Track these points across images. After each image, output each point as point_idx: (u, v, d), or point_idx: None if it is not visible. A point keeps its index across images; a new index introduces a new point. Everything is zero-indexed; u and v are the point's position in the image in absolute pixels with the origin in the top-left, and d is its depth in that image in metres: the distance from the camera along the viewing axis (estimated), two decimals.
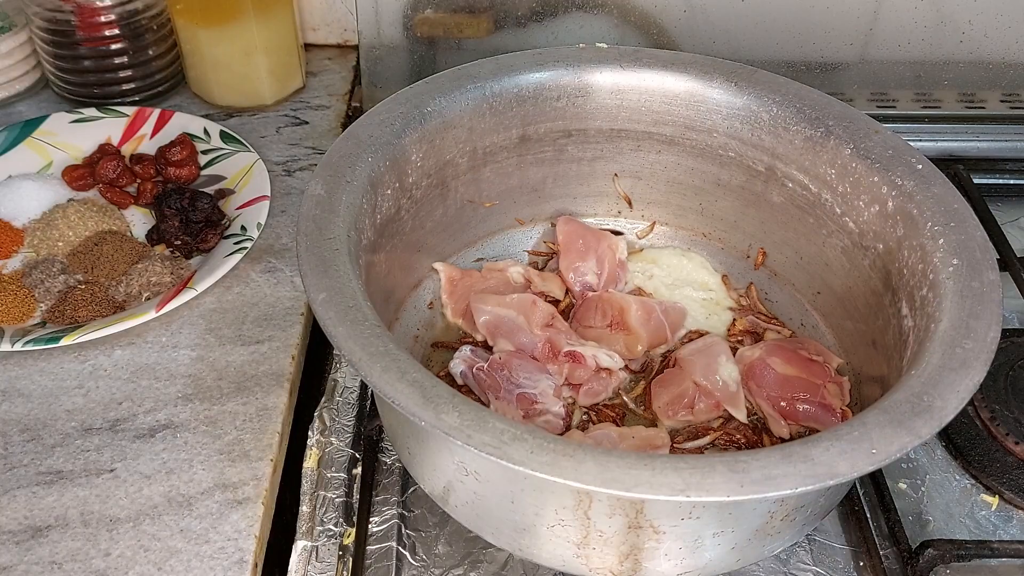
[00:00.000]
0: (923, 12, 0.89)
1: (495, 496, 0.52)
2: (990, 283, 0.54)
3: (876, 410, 0.47)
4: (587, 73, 0.70)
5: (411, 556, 0.60)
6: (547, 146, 0.73)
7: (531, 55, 0.70)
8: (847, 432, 0.45)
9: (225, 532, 0.58)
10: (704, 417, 0.64)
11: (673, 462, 0.43)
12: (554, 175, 0.75)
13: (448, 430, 0.44)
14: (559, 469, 0.42)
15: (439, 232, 0.71)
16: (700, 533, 0.50)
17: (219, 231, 0.78)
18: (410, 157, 0.64)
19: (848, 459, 0.43)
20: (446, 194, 0.70)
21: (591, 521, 0.49)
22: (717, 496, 0.42)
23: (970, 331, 0.51)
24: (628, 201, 0.77)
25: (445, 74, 0.68)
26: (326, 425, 0.66)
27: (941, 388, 0.48)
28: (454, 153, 0.68)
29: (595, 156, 0.74)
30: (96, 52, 0.92)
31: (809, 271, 0.70)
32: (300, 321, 0.72)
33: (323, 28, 1.06)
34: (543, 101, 0.70)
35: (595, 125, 0.72)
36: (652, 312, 0.69)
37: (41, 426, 0.64)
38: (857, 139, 0.64)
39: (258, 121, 0.94)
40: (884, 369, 0.60)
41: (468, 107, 0.67)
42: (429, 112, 0.65)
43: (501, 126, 0.70)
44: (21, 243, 0.79)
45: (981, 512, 0.64)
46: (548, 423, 0.62)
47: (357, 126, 0.63)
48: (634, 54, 0.71)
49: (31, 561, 0.56)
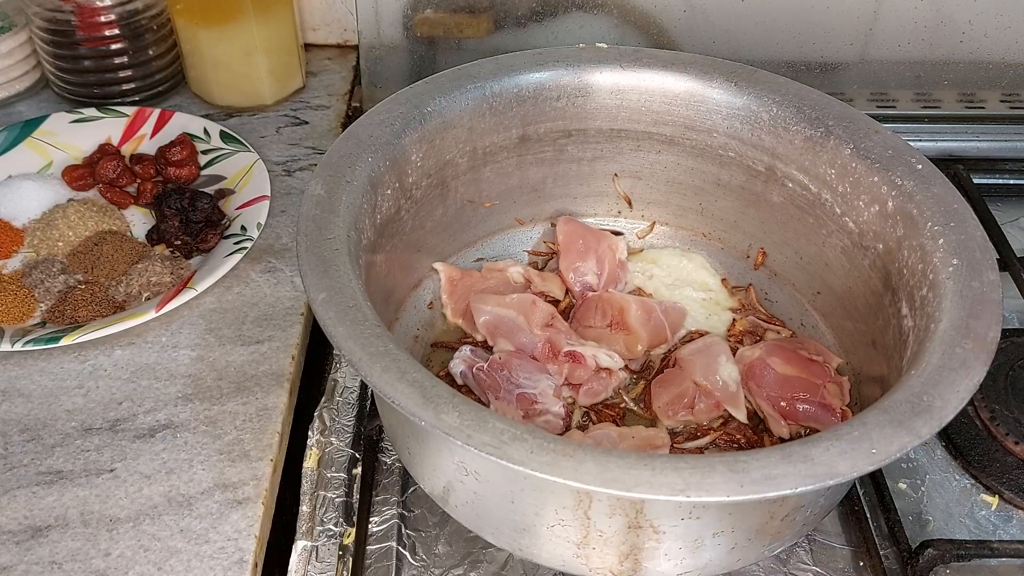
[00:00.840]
0: (923, 12, 0.89)
1: (495, 496, 0.52)
2: (990, 283, 0.54)
3: (876, 410, 0.47)
4: (587, 73, 0.70)
5: (411, 556, 0.60)
6: (547, 146, 0.73)
7: (531, 55, 0.70)
8: (847, 432, 0.45)
9: (225, 532, 0.58)
10: (704, 417, 0.64)
11: (673, 462, 0.43)
12: (554, 175, 0.75)
13: (448, 430, 0.44)
14: (559, 469, 0.42)
15: (439, 232, 0.71)
16: (700, 533, 0.50)
17: (219, 231, 0.78)
18: (410, 157, 0.64)
19: (848, 459, 0.43)
20: (446, 194, 0.70)
21: (591, 521, 0.49)
22: (717, 496, 0.42)
23: (970, 331, 0.51)
24: (628, 201, 0.77)
25: (445, 74, 0.68)
26: (326, 425, 0.66)
27: (941, 388, 0.48)
28: (454, 153, 0.68)
29: (595, 156, 0.74)
30: (96, 52, 0.92)
31: (809, 271, 0.70)
32: (300, 321, 0.72)
33: (323, 28, 1.06)
34: (543, 101, 0.70)
35: (595, 125, 0.72)
36: (652, 312, 0.69)
37: (41, 426, 0.64)
38: (857, 139, 0.64)
39: (258, 121, 0.94)
40: (884, 369, 0.60)
41: (468, 107, 0.67)
42: (429, 112, 0.65)
43: (501, 126, 0.70)
44: (21, 243, 0.79)
45: (981, 512, 0.64)
46: (548, 423, 0.62)
47: (357, 126, 0.63)
48: (634, 54, 0.71)
49: (31, 561, 0.56)
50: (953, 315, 0.52)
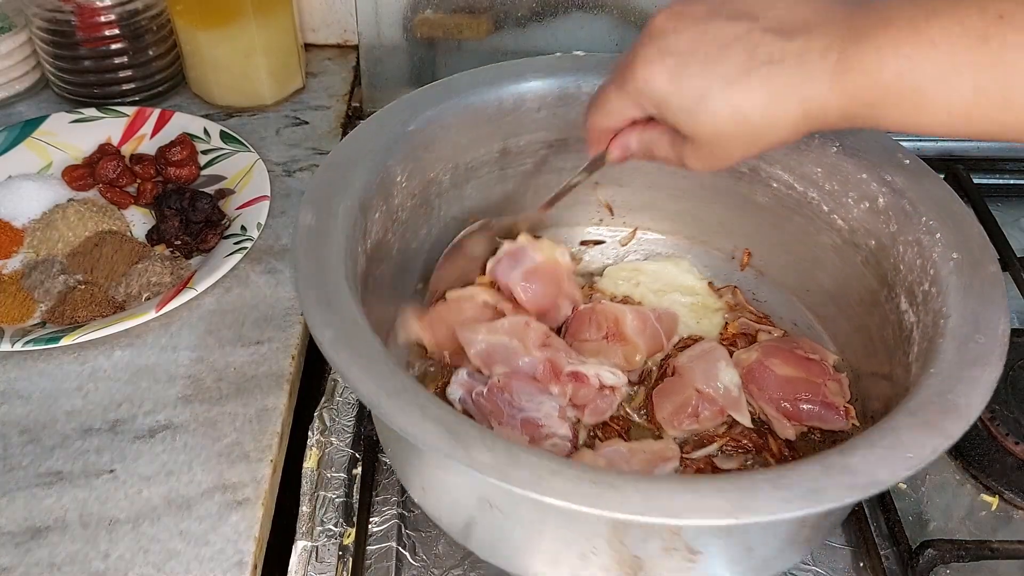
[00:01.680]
0: None
1: (521, 529, 0.51)
2: (992, 276, 0.54)
3: (903, 413, 0.46)
4: (566, 82, 0.69)
5: (411, 556, 0.60)
6: (528, 158, 0.71)
7: (509, 67, 0.69)
8: (880, 438, 0.45)
9: (224, 534, 0.58)
10: (709, 424, 0.64)
11: (715, 484, 0.42)
12: (535, 186, 0.73)
13: (483, 469, 0.42)
14: (605, 501, 0.41)
15: (423, 253, 0.69)
16: (736, 549, 0.50)
17: (219, 231, 0.78)
18: (396, 178, 0.63)
19: (886, 466, 0.43)
20: (430, 213, 0.68)
21: (625, 547, 0.48)
22: (766, 516, 0.41)
23: (980, 325, 0.51)
24: (609, 209, 0.77)
25: (424, 91, 0.66)
26: (326, 425, 0.66)
27: (963, 385, 0.47)
28: (437, 170, 0.67)
29: (576, 165, 0.71)
30: (96, 52, 0.92)
31: (799, 269, 0.70)
32: (300, 321, 0.72)
33: (323, 28, 1.06)
34: (524, 113, 0.69)
35: (576, 134, 0.70)
36: (647, 320, 0.69)
37: (40, 427, 0.64)
38: (843, 136, 0.63)
39: (258, 121, 0.94)
40: (887, 365, 0.60)
41: (450, 122, 0.66)
42: (412, 131, 0.64)
43: (483, 140, 0.68)
44: (21, 243, 0.79)
45: (981, 512, 0.64)
46: (555, 447, 0.61)
47: (340, 149, 0.61)
48: (613, 61, 0.70)
49: (30, 563, 0.56)
50: (960, 309, 0.52)
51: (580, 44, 0.92)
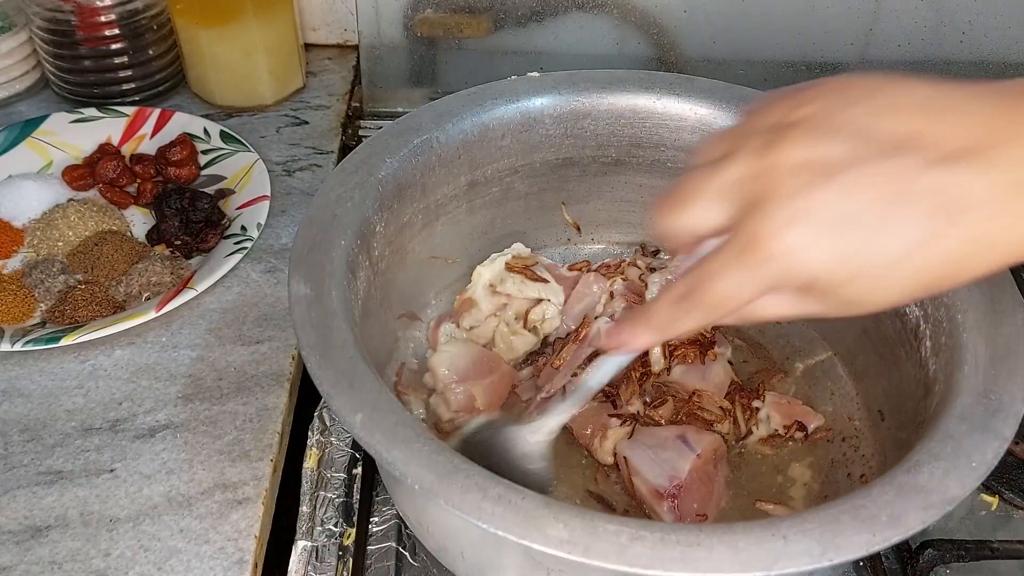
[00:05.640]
0: (923, 12, 0.89)
1: None
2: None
3: (953, 418, 0.46)
4: (527, 105, 0.68)
5: (411, 556, 0.60)
6: (494, 186, 0.70)
7: (466, 96, 0.67)
8: (940, 449, 0.44)
9: (225, 532, 0.58)
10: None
11: (799, 524, 0.41)
12: (502, 215, 0.73)
13: (560, 547, 0.40)
14: (693, 563, 0.40)
15: (399, 300, 0.68)
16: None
17: (219, 231, 0.78)
18: (375, 228, 0.61)
19: (956, 479, 0.43)
20: (404, 258, 0.66)
21: None
22: (856, 553, 0.40)
23: (1000, 316, 0.51)
24: (577, 227, 0.76)
25: (386, 131, 0.64)
26: (326, 425, 0.66)
27: (1002, 382, 0.48)
28: (410, 214, 0.65)
29: (542, 188, 0.73)
30: (96, 52, 0.92)
31: None
32: None
33: (323, 28, 1.06)
34: (488, 142, 0.67)
35: (540, 157, 0.70)
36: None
37: (41, 426, 0.64)
38: None
39: (258, 121, 0.94)
40: (889, 357, 0.60)
41: (418, 163, 0.64)
42: (383, 177, 0.62)
43: (450, 175, 0.67)
44: (21, 243, 0.79)
45: (981, 512, 0.64)
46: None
47: (316, 207, 0.58)
48: (569, 79, 0.69)
49: (31, 561, 0.56)
50: (976, 302, 0.52)
51: (580, 44, 0.93)
